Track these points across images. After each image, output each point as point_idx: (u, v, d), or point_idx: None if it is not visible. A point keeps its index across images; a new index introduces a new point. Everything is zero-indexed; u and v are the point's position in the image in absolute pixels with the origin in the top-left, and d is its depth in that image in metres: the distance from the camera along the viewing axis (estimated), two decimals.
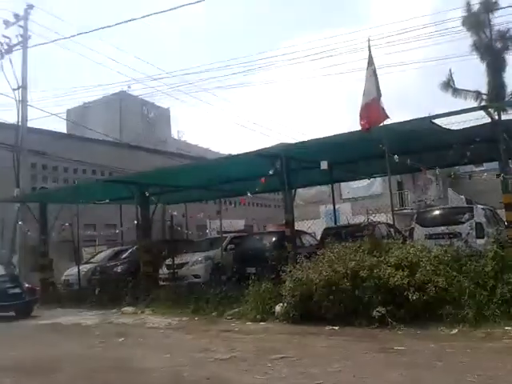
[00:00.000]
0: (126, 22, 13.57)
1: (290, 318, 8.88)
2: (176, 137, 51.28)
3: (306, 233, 15.51)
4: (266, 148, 11.07)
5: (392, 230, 12.21)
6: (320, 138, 10.40)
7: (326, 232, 13.42)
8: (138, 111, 41.46)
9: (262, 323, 9.26)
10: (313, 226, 18.38)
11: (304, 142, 11.03)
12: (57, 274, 17.55)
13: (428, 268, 7.99)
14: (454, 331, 7.22)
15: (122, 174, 20.89)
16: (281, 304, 9.32)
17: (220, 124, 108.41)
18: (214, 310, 10.63)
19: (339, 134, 10.38)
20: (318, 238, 14.71)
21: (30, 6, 18.70)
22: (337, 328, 8.03)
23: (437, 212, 13.40)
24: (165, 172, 14.48)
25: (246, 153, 11.55)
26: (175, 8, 12.52)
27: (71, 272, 17.21)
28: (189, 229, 21.74)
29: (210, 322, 9.92)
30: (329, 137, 10.28)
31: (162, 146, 40.62)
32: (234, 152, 14.74)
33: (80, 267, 16.46)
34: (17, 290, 13.08)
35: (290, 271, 9.19)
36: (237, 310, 10.21)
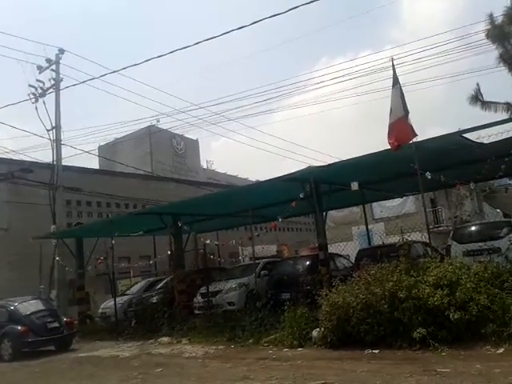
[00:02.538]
0: (153, 58, 13.91)
1: (327, 342, 8.70)
2: (205, 166, 51.97)
3: (339, 255, 15.30)
4: (294, 172, 11.05)
5: (428, 248, 11.92)
6: (349, 160, 10.36)
7: (361, 253, 13.20)
8: (168, 144, 42.33)
9: (299, 349, 9.10)
10: (346, 248, 18.13)
11: (332, 164, 11.00)
12: (93, 307, 17.81)
13: (468, 286, 7.73)
14: (501, 350, 6.91)
15: (155, 205, 21.25)
16: (318, 329, 9.16)
17: (247, 151, 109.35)
18: (250, 337, 10.52)
19: (368, 155, 10.29)
20: (353, 259, 14.50)
21: (61, 51, 19.55)
22: (377, 351, 7.81)
23: (474, 228, 13.04)
24: (196, 201, 14.63)
25: (275, 178, 11.55)
26: (198, 43, 12.81)
27: (107, 305, 17.41)
28: (221, 256, 21.79)
29: (246, 350, 9.82)
30: (357, 158, 10.21)
31: (191, 176, 41.27)
32: (262, 178, 14.86)
33: (116, 299, 16.63)
34: (56, 324, 13.32)
35: (326, 295, 9.04)
36: (273, 336, 10.08)
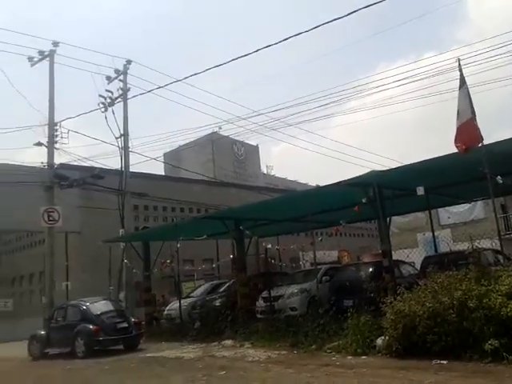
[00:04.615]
0: (216, 67, 14.19)
1: (392, 351, 8.48)
2: (265, 171, 52.36)
3: (404, 262, 14.89)
4: (357, 177, 10.87)
5: (500, 256, 11.34)
6: (414, 164, 10.05)
7: (427, 261, 12.77)
8: (229, 150, 43.09)
9: (363, 357, 8.94)
10: (411, 255, 17.61)
11: (397, 168, 10.75)
12: (159, 309, 18.45)
13: None
14: None
15: (217, 210, 21.67)
16: (382, 337, 8.96)
17: (307, 156, 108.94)
18: (312, 343, 10.46)
19: (434, 158, 9.94)
20: (418, 267, 14.08)
21: (129, 61, 20.43)
22: (445, 362, 7.52)
23: None
24: (257, 206, 14.78)
25: (337, 183, 11.41)
26: (258, 50, 12.91)
27: (173, 306, 17.94)
28: (282, 261, 21.85)
29: (309, 356, 9.77)
30: (423, 162, 9.88)
31: (252, 181, 41.71)
32: (322, 183, 14.76)
33: (181, 301, 17.11)
34: (124, 325, 13.90)
35: (391, 303, 8.83)
36: (336, 343, 9.97)
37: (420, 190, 10.74)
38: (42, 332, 14.58)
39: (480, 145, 9.34)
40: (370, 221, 24.69)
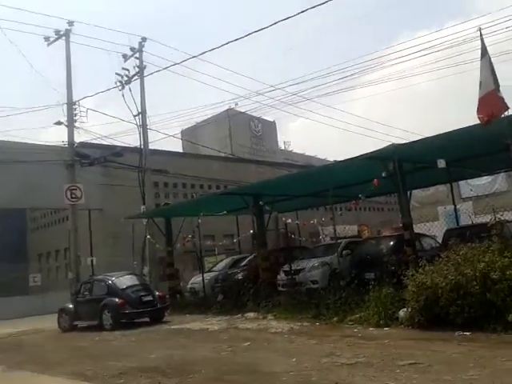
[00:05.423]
0: (232, 41, 14.12)
1: (415, 323, 8.59)
2: (283, 147, 52.14)
3: (425, 235, 14.88)
4: (376, 151, 10.81)
5: None
6: (435, 136, 9.92)
7: (449, 233, 12.73)
8: (246, 126, 42.95)
9: (385, 328, 9.07)
10: (432, 229, 17.53)
11: (417, 141, 10.63)
12: (182, 283, 18.83)
13: None
14: None
15: (236, 186, 21.81)
16: (404, 309, 9.06)
17: (325, 131, 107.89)
18: (334, 315, 10.62)
19: (456, 130, 9.79)
20: (439, 240, 14.05)
21: (144, 39, 20.37)
22: (468, 334, 7.59)
23: None
24: (276, 182, 14.83)
25: (356, 157, 11.35)
26: (275, 23, 12.82)
27: (195, 280, 18.33)
28: (302, 236, 21.98)
29: (331, 328, 9.94)
30: (444, 134, 9.76)
31: (269, 157, 41.65)
32: (340, 158, 14.66)
33: (203, 275, 17.44)
34: (150, 298, 14.28)
35: (413, 275, 8.90)
36: (358, 315, 10.10)
37: (441, 163, 10.64)
38: (70, 306, 15.05)
39: (503, 115, 9.18)
40: (389, 195, 24.60)
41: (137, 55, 20.28)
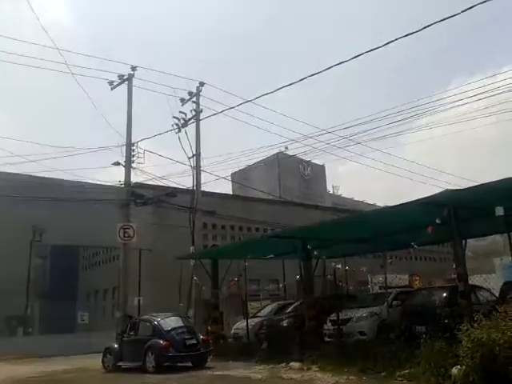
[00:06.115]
0: (284, 87, 14.42)
1: (469, 382, 7.99)
2: (331, 191, 51.91)
3: (481, 287, 14.11)
4: (431, 196, 10.47)
5: None
6: (492, 182, 9.51)
7: (507, 286, 12.05)
8: (296, 169, 43.25)
9: None
10: (488, 281, 16.66)
11: (474, 187, 10.25)
12: (226, 327, 18.61)
13: None
14: None
15: (283, 229, 21.68)
16: (458, 366, 8.50)
17: (375, 176, 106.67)
18: (382, 369, 10.10)
19: None
20: (495, 293, 13.31)
21: (201, 84, 21.12)
22: None
23: None
24: (326, 225, 14.63)
25: (409, 202, 11.05)
26: (327, 69, 13.00)
27: (240, 325, 18.03)
28: (349, 284, 21.39)
29: (379, 383, 9.46)
30: (503, 180, 9.36)
31: (318, 201, 41.48)
32: (390, 204, 14.32)
33: (248, 321, 17.16)
34: (193, 341, 14.08)
35: (467, 330, 8.38)
36: (408, 371, 9.56)
37: (499, 211, 10.16)
38: (115, 345, 15.12)
39: None
40: (442, 244, 23.70)
41: (194, 99, 20.98)
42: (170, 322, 14.56)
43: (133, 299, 19.99)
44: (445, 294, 12.84)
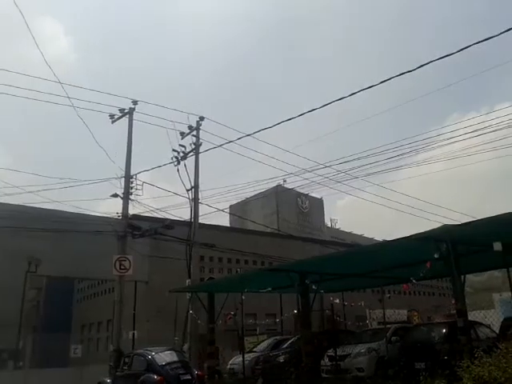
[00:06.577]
0: (284, 121, 14.59)
1: None
2: (329, 225, 51.85)
3: (481, 324, 13.95)
4: (428, 231, 10.47)
5: None
6: (490, 218, 9.55)
7: (507, 323, 11.91)
8: (294, 202, 43.31)
9: None
10: (488, 317, 16.48)
11: (471, 222, 10.26)
12: (221, 362, 18.22)
13: None
14: None
15: (281, 262, 21.56)
16: None
17: (373, 210, 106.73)
18: None
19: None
20: (495, 329, 13.14)
21: (201, 118, 21.34)
22: None
23: None
24: (324, 259, 14.54)
25: (407, 237, 11.03)
26: (326, 105, 13.21)
27: (235, 361, 17.70)
28: (347, 319, 21.11)
29: None
30: (501, 215, 9.40)
31: (316, 234, 41.39)
32: (389, 238, 14.32)
33: (244, 356, 16.83)
34: (188, 377, 13.70)
35: (468, 367, 8.23)
36: None
37: (497, 246, 10.15)
38: (108, 380, 14.78)
39: None
40: (441, 279, 23.54)
41: (194, 133, 21.17)
42: (165, 356, 14.24)
43: (127, 332, 19.65)
44: (444, 330, 12.68)
